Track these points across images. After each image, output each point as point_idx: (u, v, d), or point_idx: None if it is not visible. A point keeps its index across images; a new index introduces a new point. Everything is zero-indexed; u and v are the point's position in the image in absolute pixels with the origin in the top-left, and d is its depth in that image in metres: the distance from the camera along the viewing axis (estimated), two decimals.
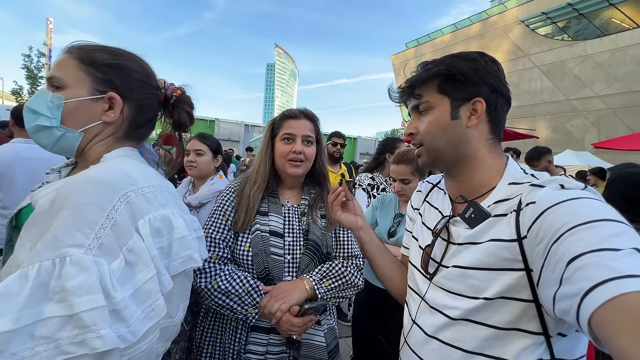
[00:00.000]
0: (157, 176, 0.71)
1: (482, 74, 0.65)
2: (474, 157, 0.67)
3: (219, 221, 1.08)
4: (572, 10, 15.94)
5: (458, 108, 0.66)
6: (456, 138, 0.67)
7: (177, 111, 0.78)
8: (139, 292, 0.55)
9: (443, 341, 0.63)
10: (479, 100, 0.65)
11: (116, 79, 0.66)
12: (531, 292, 0.53)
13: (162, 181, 0.71)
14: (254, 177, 1.13)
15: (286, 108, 1.22)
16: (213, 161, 1.85)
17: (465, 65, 0.65)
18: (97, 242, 0.52)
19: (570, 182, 0.54)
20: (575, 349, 0.56)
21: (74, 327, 0.47)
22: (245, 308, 0.98)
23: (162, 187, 0.68)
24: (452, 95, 0.66)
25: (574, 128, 15.95)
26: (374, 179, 2.44)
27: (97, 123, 0.66)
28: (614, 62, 14.60)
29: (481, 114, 0.65)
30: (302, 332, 0.97)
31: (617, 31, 14.86)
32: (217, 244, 1.05)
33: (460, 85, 0.65)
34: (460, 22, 21.99)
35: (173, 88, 0.78)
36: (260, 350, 1.00)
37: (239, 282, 1.00)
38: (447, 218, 0.70)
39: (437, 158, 0.71)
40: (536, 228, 0.50)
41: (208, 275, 1.00)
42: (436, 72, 0.66)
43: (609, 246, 0.41)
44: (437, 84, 0.67)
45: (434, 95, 0.68)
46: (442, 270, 0.67)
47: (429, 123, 0.69)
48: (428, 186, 0.85)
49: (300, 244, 1.09)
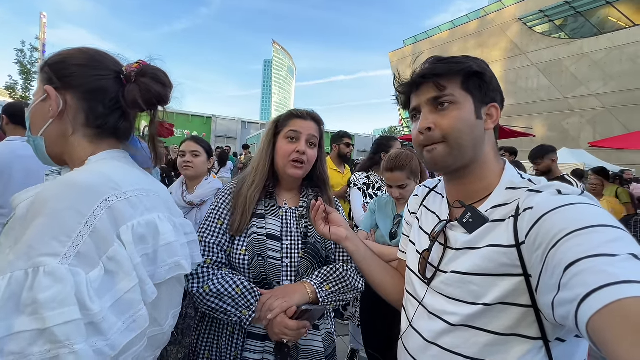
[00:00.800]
0: (146, 179, 0.68)
1: (496, 82, 0.68)
2: (483, 160, 0.67)
3: (214, 225, 1.06)
4: (570, 8, 16.01)
5: (480, 109, 0.66)
6: (478, 138, 0.66)
7: (131, 86, 0.67)
8: (119, 302, 0.53)
9: (443, 347, 0.62)
10: (495, 106, 0.67)
11: (52, 72, 0.64)
12: (530, 298, 0.53)
13: (152, 184, 0.68)
14: (252, 176, 1.10)
15: (283, 105, 1.22)
16: (207, 162, 1.96)
17: (488, 69, 0.67)
18: (74, 251, 0.49)
19: (567, 187, 0.54)
20: (574, 354, 0.56)
21: (46, 342, 0.44)
22: (240, 310, 0.95)
23: (150, 190, 0.65)
24: (475, 95, 0.65)
25: (570, 126, 16.08)
26: (370, 177, 2.45)
27: (49, 122, 0.64)
28: (610, 61, 14.70)
29: (497, 120, 0.68)
30: (294, 337, 0.92)
31: (613, 30, 14.95)
32: (211, 249, 1.02)
33: (483, 87, 0.65)
34: (458, 19, 22.01)
35: (132, 65, 0.69)
36: (256, 357, 0.98)
37: (232, 284, 0.97)
38: (444, 222, 0.69)
39: (458, 157, 0.65)
40: (534, 234, 0.50)
41: (201, 280, 0.97)
42: (468, 68, 0.64)
43: (606, 252, 0.41)
44: (460, 80, 0.65)
45: (458, 90, 0.65)
46: (440, 275, 0.66)
47: (456, 119, 0.64)
48: (425, 190, 0.84)
49: (298, 247, 1.06)
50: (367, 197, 2.42)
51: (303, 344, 1.02)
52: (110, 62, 0.68)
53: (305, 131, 1.07)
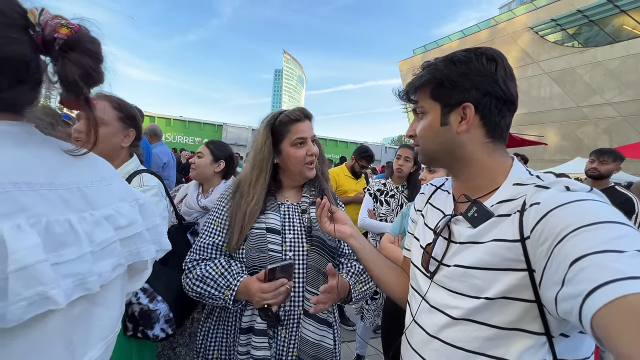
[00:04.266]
0: (44, 164, 0.47)
1: (474, 78, 0.63)
2: (470, 160, 0.67)
3: (212, 226, 1.10)
4: (582, 17, 15.81)
5: (448, 114, 0.66)
6: (448, 143, 0.68)
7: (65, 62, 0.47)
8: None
9: (444, 341, 0.62)
10: (468, 106, 0.64)
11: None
12: (533, 293, 0.53)
13: (53, 173, 0.47)
14: (251, 192, 1.06)
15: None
16: (212, 165, 1.86)
17: (455, 70, 0.64)
18: None
19: (575, 184, 0.54)
20: (578, 349, 0.55)
21: None
22: (222, 292, 0.97)
23: (39, 184, 0.44)
24: (442, 101, 0.67)
25: (585, 135, 15.70)
26: (386, 184, 2.56)
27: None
28: (625, 69, 14.38)
29: (470, 119, 0.64)
30: (276, 299, 0.93)
31: (628, 38, 14.66)
32: (204, 249, 1.07)
33: (449, 91, 0.65)
34: (468, 29, 22.00)
35: (55, 24, 0.46)
36: (267, 355, 0.97)
37: (213, 266, 1.02)
38: (448, 217, 0.69)
39: (432, 159, 0.75)
40: (540, 229, 0.50)
41: (192, 270, 1.05)
42: (426, 81, 0.68)
43: (613, 248, 0.41)
44: (430, 89, 0.69)
45: (427, 100, 0.70)
46: (443, 269, 0.66)
47: (422, 128, 0.71)
48: (431, 188, 0.85)
49: (302, 240, 1.08)
50: (378, 202, 2.53)
51: (315, 339, 1.02)
52: (10, 14, 0.45)
53: (308, 134, 1.11)
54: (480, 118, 0.65)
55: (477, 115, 0.65)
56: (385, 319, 1.85)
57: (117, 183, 0.59)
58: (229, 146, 1.99)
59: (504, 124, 0.66)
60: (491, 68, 0.64)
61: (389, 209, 2.48)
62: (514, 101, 0.66)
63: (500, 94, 0.64)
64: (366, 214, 2.51)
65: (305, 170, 1.11)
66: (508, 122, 0.67)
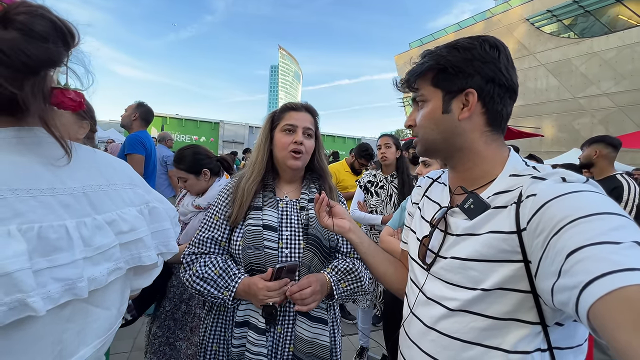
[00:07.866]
0: (33, 172, 0.45)
1: (477, 64, 0.63)
2: (469, 149, 0.67)
3: (212, 220, 1.11)
4: (578, 7, 15.77)
5: (450, 101, 0.66)
6: (449, 131, 0.67)
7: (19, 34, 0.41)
8: None
9: (441, 332, 0.63)
10: (471, 92, 0.63)
11: None
12: (529, 283, 0.53)
13: (49, 181, 0.46)
14: (250, 170, 1.13)
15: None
16: (199, 180, 1.78)
17: (458, 56, 0.64)
18: None
19: (571, 175, 0.53)
20: (573, 337, 0.56)
21: None
22: (221, 292, 0.99)
23: (34, 189, 0.43)
24: (444, 88, 0.66)
25: (581, 126, 15.74)
26: (376, 176, 2.61)
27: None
28: (621, 60, 14.40)
29: (473, 106, 0.64)
30: (278, 297, 0.96)
31: (624, 28, 14.65)
32: (204, 242, 1.08)
33: (452, 77, 0.65)
34: (464, 21, 21.92)
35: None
36: (262, 351, 0.98)
37: (212, 266, 1.03)
38: (445, 209, 0.70)
39: (431, 150, 0.73)
40: (536, 220, 0.50)
41: (189, 267, 1.05)
42: (428, 67, 0.67)
43: (610, 239, 0.41)
44: (431, 76, 0.68)
45: (428, 88, 0.68)
46: (440, 261, 0.67)
47: (423, 116, 0.70)
48: (428, 181, 0.85)
49: (299, 238, 1.08)
50: (368, 194, 2.60)
51: (309, 337, 1.02)
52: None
53: (301, 123, 1.11)
54: (483, 105, 0.64)
55: (479, 102, 0.64)
56: (386, 312, 1.87)
57: (128, 188, 0.60)
58: (197, 148, 1.83)
59: (505, 113, 0.66)
60: (494, 55, 0.63)
61: (379, 200, 2.52)
62: (515, 89, 0.66)
63: (503, 80, 0.63)
64: (356, 207, 2.58)
65: (289, 158, 1.09)
66: (509, 110, 0.67)
